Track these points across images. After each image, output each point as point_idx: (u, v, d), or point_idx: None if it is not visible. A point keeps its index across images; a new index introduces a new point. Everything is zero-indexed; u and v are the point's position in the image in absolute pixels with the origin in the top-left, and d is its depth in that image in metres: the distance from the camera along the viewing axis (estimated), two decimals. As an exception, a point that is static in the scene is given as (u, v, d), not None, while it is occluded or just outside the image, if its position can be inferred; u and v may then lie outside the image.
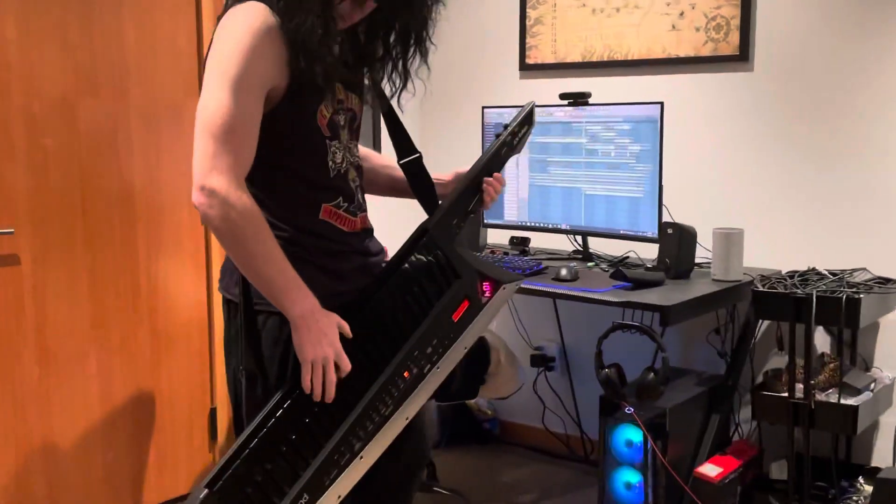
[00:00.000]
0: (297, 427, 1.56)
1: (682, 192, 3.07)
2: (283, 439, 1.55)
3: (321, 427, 1.57)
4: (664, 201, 2.83)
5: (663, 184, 2.79)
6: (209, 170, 1.45)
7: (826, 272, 2.64)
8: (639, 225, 2.83)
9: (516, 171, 3.11)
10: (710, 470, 2.57)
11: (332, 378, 1.54)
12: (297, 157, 1.61)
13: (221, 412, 3.09)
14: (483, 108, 3.18)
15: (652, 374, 2.52)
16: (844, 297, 2.37)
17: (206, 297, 3.03)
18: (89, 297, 2.70)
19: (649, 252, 2.93)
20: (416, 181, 1.79)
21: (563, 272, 2.62)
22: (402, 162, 1.79)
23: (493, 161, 1.76)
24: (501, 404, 3.60)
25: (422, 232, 1.69)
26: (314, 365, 1.53)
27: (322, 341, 1.53)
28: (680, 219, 2.87)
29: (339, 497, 1.56)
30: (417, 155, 1.79)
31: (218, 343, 3.06)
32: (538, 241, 3.26)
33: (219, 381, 3.07)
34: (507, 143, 1.78)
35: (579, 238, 3.08)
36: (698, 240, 2.78)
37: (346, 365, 1.56)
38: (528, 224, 3.11)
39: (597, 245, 3.09)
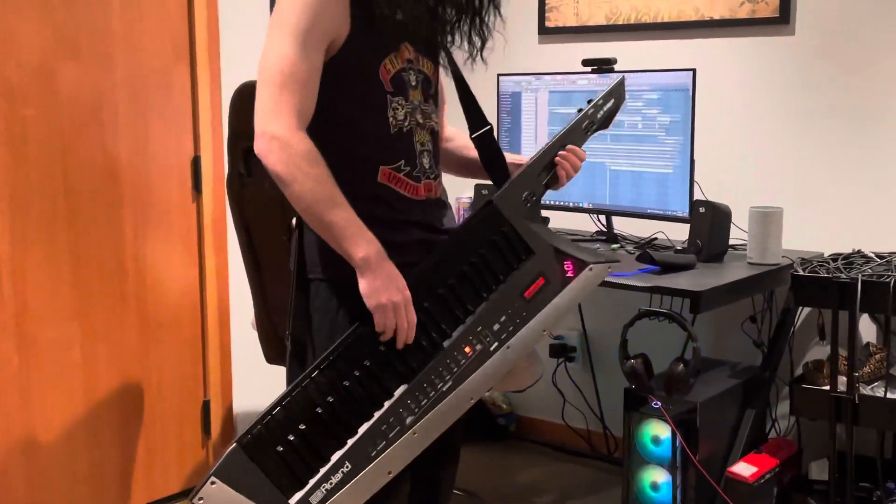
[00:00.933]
0: (336, 390, 1.59)
1: (716, 168, 3.05)
2: (320, 401, 1.59)
3: (366, 392, 1.60)
4: (696, 177, 2.80)
5: (695, 158, 2.78)
6: (269, 116, 1.56)
7: (872, 255, 2.62)
8: (668, 203, 2.82)
9: (534, 144, 3.10)
10: (744, 469, 2.57)
11: (412, 319, 1.59)
12: (354, 109, 1.67)
13: (215, 405, 3.10)
14: (498, 76, 3.16)
15: (681, 365, 2.51)
16: (892, 281, 2.36)
17: (198, 281, 3.03)
18: (72, 280, 2.71)
19: (679, 233, 2.91)
20: (487, 155, 1.84)
21: (586, 254, 2.62)
22: (474, 136, 1.84)
23: (570, 135, 1.80)
24: (518, 398, 3.61)
25: (487, 204, 1.72)
26: (385, 311, 1.58)
27: (390, 286, 1.58)
28: (713, 197, 2.85)
29: (390, 473, 1.60)
30: (488, 127, 1.84)
31: (211, 330, 3.07)
32: (558, 220, 3.25)
33: (212, 372, 3.09)
34: (588, 116, 1.82)
35: (603, 218, 3.07)
36: (733, 219, 2.77)
37: (412, 316, 1.60)
38: (547, 202, 3.10)
39: (622, 225, 3.08)
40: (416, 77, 1.74)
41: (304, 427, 1.58)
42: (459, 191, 3.17)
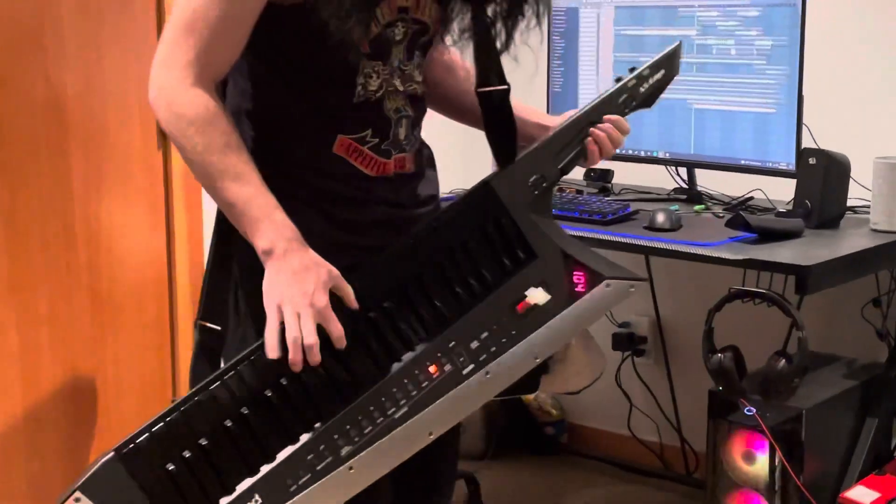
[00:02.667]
0: (253, 400, 1.57)
1: (831, 107, 3.02)
2: (230, 411, 1.56)
3: (291, 408, 1.57)
4: (805, 119, 2.79)
5: (804, 94, 2.76)
6: (161, 63, 1.59)
7: None
8: (768, 153, 2.81)
9: (595, 76, 3.09)
10: (863, 495, 2.55)
11: (310, 340, 1.53)
12: (312, 77, 1.65)
13: (187, 407, 3.11)
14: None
15: (783, 361, 2.50)
16: None
17: (166, 250, 3.04)
18: (6, 248, 2.71)
19: (782, 191, 2.89)
20: (492, 119, 1.78)
21: (660, 218, 2.62)
22: (480, 90, 1.78)
23: (604, 107, 1.76)
24: (571, 402, 3.61)
25: (482, 185, 1.70)
26: (283, 312, 1.53)
27: (294, 286, 1.54)
28: (827, 144, 2.82)
29: None
30: (505, 87, 1.78)
31: (181, 311, 3.08)
32: (625, 174, 3.24)
33: (182, 364, 3.09)
34: (628, 89, 1.78)
35: (684, 171, 3.06)
36: (852, 174, 2.76)
37: (336, 329, 1.55)
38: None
39: (708, 180, 3.07)
40: (406, 30, 1.69)
41: (205, 443, 1.55)
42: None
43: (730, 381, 2.54)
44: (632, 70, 1.80)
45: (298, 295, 1.53)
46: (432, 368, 1.61)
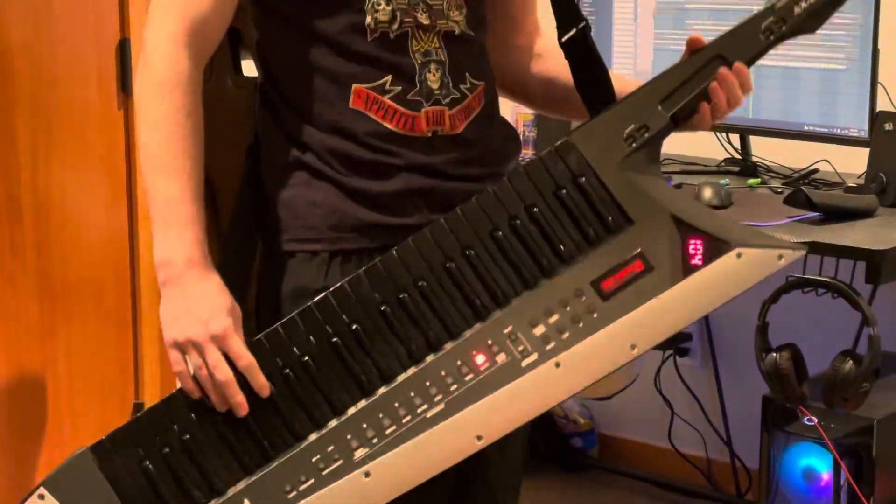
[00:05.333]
0: (251, 391, 1.56)
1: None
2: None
3: (295, 401, 1.56)
4: (881, 77, 2.80)
5: (880, 48, 2.76)
6: (150, 19, 1.62)
7: None
8: (836, 117, 2.84)
9: (633, 25, 3.10)
10: (943, 521, 2.57)
11: (221, 377, 1.54)
12: (310, 6, 1.66)
13: (151, 410, 3.13)
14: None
15: (850, 362, 2.50)
16: None
17: (128, 226, 3.03)
18: (-60, 222, 2.74)
19: (853, 162, 2.91)
20: (579, 68, 1.78)
21: (707, 194, 2.63)
22: (563, 39, 1.77)
23: (734, 41, 1.64)
24: (602, 408, 3.63)
25: (562, 142, 1.62)
26: (183, 351, 1.55)
27: (188, 315, 1.54)
28: (906, 107, 2.83)
29: None
30: (583, 24, 1.77)
31: (146, 299, 3.08)
32: (666, 141, 3.20)
33: (147, 361, 3.09)
34: (777, 10, 1.62)
35: (737, 138, 3.08)
36: None
37: (242, 357, 1.54)
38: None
39: (765, 149, 3.09)
40: None
41: (188, 438, 1.56)
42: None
43: (787, 386, 2.55)
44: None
45: (193, 325, 1.54)
46: (480, 359, 1.55)
